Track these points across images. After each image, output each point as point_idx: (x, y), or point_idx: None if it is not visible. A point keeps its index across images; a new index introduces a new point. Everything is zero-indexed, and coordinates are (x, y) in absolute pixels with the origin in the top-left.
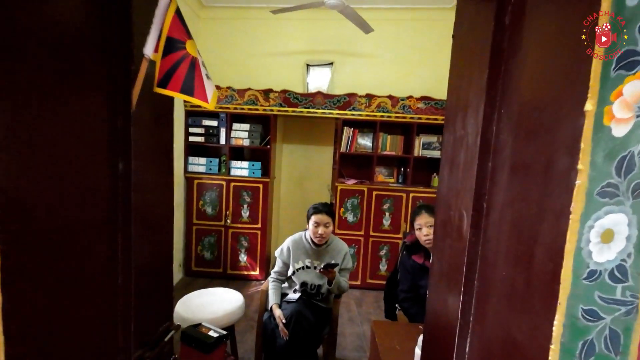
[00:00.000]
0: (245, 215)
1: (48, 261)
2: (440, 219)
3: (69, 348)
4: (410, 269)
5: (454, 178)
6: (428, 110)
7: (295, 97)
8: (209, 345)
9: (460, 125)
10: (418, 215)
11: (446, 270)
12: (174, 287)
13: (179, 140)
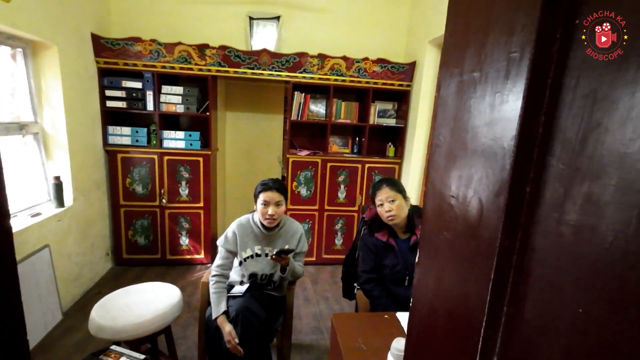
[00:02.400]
0: (184, 193)
1: None
2: (433, 203)
3: None
4: (373, 248)
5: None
6: (384, 74)
7: (237, 55)
8: None
9: (473, 61)
10: (379, 190)
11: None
12: (100, 281)
13: (92, 105)
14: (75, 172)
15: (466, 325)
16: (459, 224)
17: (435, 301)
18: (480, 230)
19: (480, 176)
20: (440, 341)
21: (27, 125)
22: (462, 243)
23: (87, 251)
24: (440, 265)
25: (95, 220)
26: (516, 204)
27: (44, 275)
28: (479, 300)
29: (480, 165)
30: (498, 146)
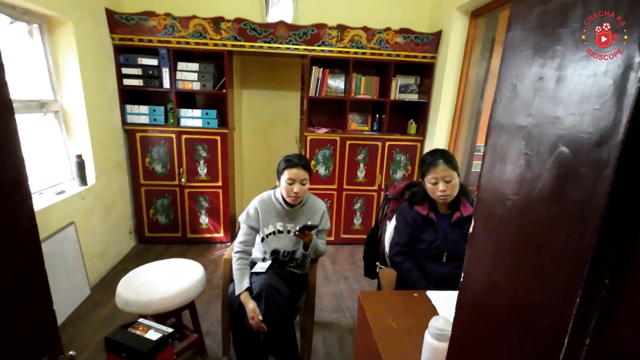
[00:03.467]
0: (202, 172)
1: None
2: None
3: None
4: (411, 221)
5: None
6: (407, 45)
7: (253, 29)
8: (144, 355)
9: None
10: (434, 167)
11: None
12: (124, 258)
13: (110, 83)
14: (96, 151)
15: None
16: (533, 186)
17: (495, 276)
18: (567, 189)
19: (574, 122)
20: (501, 324)
21: (47, 104)
22: (537, 209)
23: (111, 229)
24: (504, 236)
25: (117, 199)
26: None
27: (70, 252)
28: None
29: (576, 107)
30: (605, 84)
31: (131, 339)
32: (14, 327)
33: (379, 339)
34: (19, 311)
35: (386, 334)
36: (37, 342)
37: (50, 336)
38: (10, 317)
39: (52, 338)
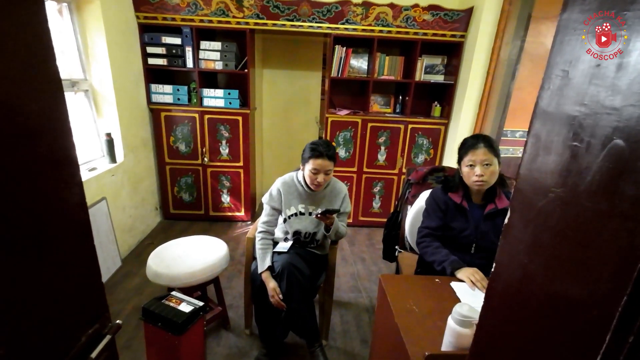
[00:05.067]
0: (224, 152)
1: None
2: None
3: None
4: (443, 206)
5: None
6: (435, 23)
7: (276, 6)
8: (179, 326)
9: None
10: (474, 149)
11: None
12: (151, 232)
13: (134, 62)
14: (124, 130)
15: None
16: (580, 179)
17: (530, 268)
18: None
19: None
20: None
21: (78, 83)
22: (584, 203)
23: (139, 205)
24: (543, 228)
25: (144, 176)
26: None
27: (103, 225)
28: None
29: None
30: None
31: (166, 310)
32: (68, 297)
33: (400, 321)
34: (73, 282)
35: (407, 317)
36: (88, 311)
37: (100, 306)
38: (65, 288)
39: (101, 307)
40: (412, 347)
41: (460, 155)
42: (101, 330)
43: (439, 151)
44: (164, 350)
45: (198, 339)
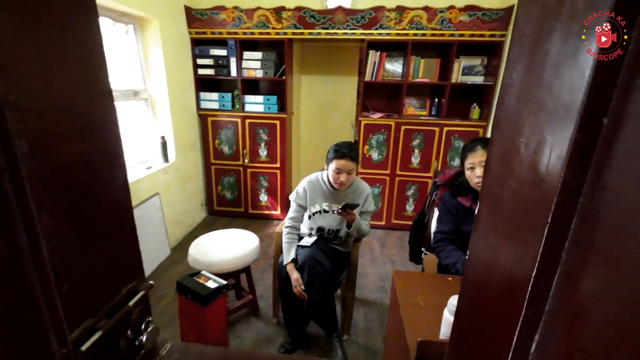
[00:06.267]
0: (263, 154)
1: None
2: (499, 149)
3: None
4: (454, 210)
5: (534, 80)
6: (472, 24)
7: (312, 16)
8: (204, 298)
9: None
10: (472, 152)
11: (504, 227)
12: (197, 226)
13: (187, 73)
14: (176, 133)
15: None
16: (524, 170)
17: (492, 253)
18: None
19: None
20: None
21: (139, 92)
22: (525, 192)
23: (187, 201)
24: (501, 218)
25: (192, 175)
26: (589, 137)
27: (155, 218)
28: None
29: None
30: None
31: (195, 284)
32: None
33: (405, 313)
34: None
35: (412, 310)
36: (128, 272)
37: (137, 268)
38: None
39: (137, 270)
40: (411, 335)
41: (462, 158)
42: (137, 287)
43: None
44: (193, 319)
45: (221, 312)
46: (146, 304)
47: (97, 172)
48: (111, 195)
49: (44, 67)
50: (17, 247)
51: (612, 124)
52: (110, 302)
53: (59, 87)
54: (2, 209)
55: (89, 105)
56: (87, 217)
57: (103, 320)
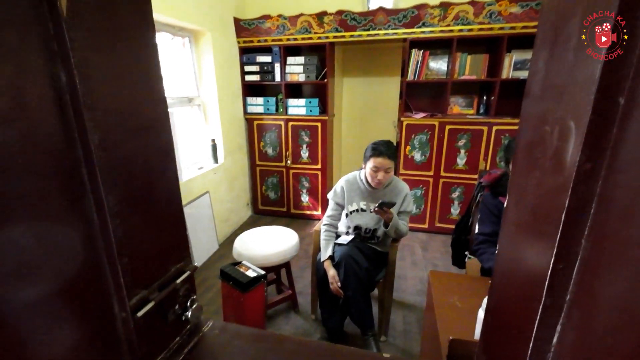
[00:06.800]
0: (304, 155)
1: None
2: (525, 140)
3: (45, 302)
4: (496, 211)
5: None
6: (525, 15)
7: (353, 18)
8: (243, 285)
9: None
10: None
11: (528, 218)
12: (243, 224)
13: (236, 80)
14: (224, 136)
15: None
16: (547, 159)
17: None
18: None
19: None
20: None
21: (193, 99)
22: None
23: (234, 200)
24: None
25: (238, 175)
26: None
27: (206, 214)
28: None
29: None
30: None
31: (236, 272)
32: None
33: (439, 313)
34: (168, 232)
35: (448, 310)
36: (176, 253)
37: (184, 250)
38: (163, 234)
39: (185, 251)
40: (444, 335)
41: (506, 158)
42: (184, 268)
43: None
44: (234, 304)
45: (259, 299)
46: (191, 283)
47: (152, 164)
48: (163, 185)
49: (113, 75)
50: (90, 224)
51: (627, 104)
52: (161, 277)
53: (124, 91)
54: (79, 191)
55: (146, 108)
56: (143, 202)
57: (155, 293)
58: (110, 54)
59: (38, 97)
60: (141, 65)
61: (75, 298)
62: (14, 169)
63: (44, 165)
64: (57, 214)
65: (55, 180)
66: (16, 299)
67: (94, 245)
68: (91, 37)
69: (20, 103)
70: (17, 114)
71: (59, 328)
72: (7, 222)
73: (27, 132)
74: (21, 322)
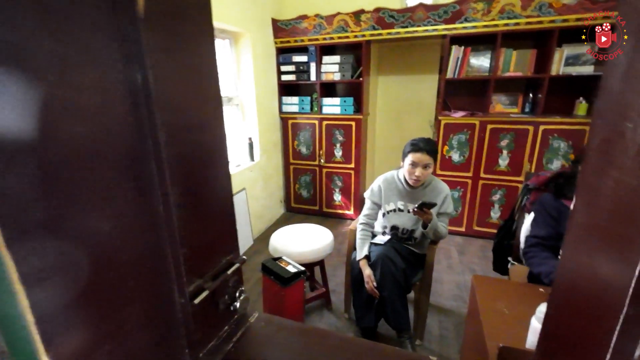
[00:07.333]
0: (338, 154)
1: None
2: (600, 137)
3: (105, 279)
4: (555, 213)
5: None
6: (579, 6)
7: (391, 16)
8: (285, 280)
9: None
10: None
11: (603, 221)
12: (276, 221)
13: (272, 80)
14: (261, 135)
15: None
16: (629, 157)
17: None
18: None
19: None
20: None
21: (232, 98)
22: (630, 181)
23: (268, 197)
24: (599, 211)
25: (273, 173)
26: None
27: (242, 211)
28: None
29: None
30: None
31: (277, 267)
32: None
33: (485, 319)
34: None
35: (494, 317)
36: (226, 246)
37: (233, 243)
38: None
39: (234, 245)
40: (491, 341)
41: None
42: (233, 260)
43: None
44: (274, 298)
45: (298, 294)
46: (240, 275)
47: (208, 160)
48: (217, 181)
49: (179, 76)
50: (156, 215)
51: None
52: (214, 268)
53: (187, 91)
54: (149, 184)
55: (205, 107)
56: (200, 196)
57: (209, 282)
58: (178, 56)
59: (118, 96)
60: (202, 67)
61: (142, 282)
62: (99, 159)
63: (120, 157)
64: (130, 203)
65: (130, 172)
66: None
67: (158, 235)
68: (163, 39)
69: (104, 101)
70: (102, 111)
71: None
72: (92, 206)
73: (109, 127)
74: (99, 297)
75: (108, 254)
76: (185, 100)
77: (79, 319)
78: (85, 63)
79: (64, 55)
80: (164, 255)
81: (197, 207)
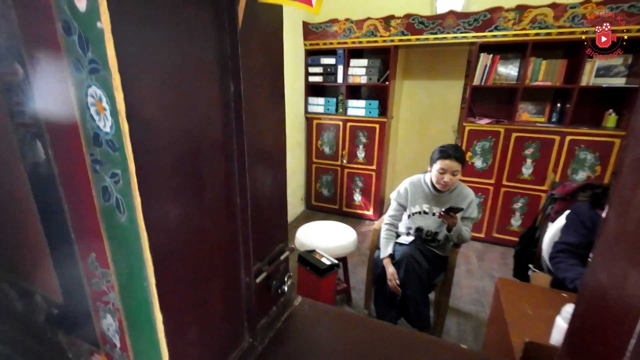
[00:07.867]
0: (360, 156)
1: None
2: (635, 154)
3: (199, 255)
4: (589, 222)
5: None
6: (612, 19)
7: (421, 22)
8: (321, 271)
9: None
10: None
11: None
12: (297, 217)
13: (299, 80)
14: (287, 133)
15: None
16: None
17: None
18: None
19: None
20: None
21: None
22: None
23: (290, 194)
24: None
25: (296, 171)
26: None
27: None
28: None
29: None
30: None
31: (313, 259)
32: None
33: (510, 317)
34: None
35: (518, 316)
36: (279, 236)
37: (284, 234)
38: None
39: (284, 235)
40: (516, 338)
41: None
42: (284, 248)
43: (609, 168)
44: (310, 287)
45: (332, 285)
46: (288, 262)
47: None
48: (277, 176)
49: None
50: (235, 206)
51: None
52: (270, 253)
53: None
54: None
55: (273, 112)
56: (265, 189)
57: (266, 265)
58: (259, 64)
59: (217, 103)
60: (273, 75)
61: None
62: (205, 153)
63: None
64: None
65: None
66: (195, 253)
67: (234, 220)
68: (253, 50)
69: (209, 108)
70: (208, 115)
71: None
72: (199, 191)
73: (212, 127)
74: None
75: (204, 233)
76: (261, 105)
77: (182, 284)
78: (198, 75)
79: (186, 67)
80: (237, 240)
81: (262, 198)
